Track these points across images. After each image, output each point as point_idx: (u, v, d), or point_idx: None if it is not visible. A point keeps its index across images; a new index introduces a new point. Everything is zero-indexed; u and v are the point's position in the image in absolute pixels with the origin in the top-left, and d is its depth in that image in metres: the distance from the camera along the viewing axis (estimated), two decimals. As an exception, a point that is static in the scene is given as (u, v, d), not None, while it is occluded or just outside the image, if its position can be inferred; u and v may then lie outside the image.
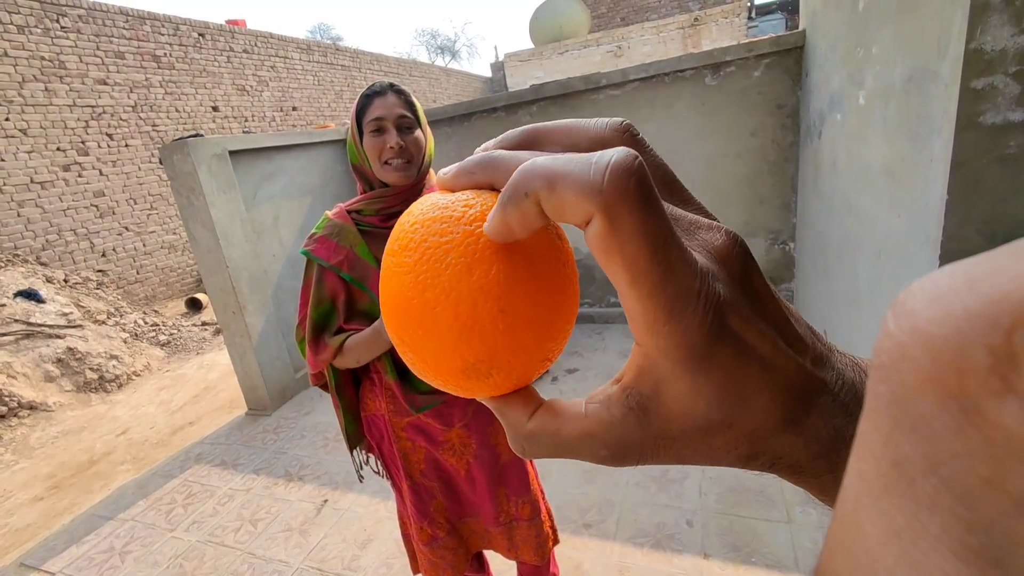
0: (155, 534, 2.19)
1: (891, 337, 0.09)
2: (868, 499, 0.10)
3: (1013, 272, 0.08)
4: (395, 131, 1.04)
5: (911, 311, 0.09)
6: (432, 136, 1.14)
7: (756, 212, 3.13)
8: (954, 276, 0.09)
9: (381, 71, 11.26)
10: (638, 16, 13.05)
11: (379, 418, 1.21)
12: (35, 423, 3.44)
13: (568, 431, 0.19)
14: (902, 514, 0.09)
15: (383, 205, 1.09)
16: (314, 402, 3.21)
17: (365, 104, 1.05)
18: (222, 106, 7.44)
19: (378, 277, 1.06)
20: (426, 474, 1.22)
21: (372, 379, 1.19)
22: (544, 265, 0.19)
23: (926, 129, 1.30)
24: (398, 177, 1.06)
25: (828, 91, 2.24)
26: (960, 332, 0.08)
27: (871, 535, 0.10)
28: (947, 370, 0.08)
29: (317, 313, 1.10)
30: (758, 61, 2.87)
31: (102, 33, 5.94)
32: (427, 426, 1.18)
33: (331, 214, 1.13)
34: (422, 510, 1.22)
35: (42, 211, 5.30)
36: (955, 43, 1.13)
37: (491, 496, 1.24)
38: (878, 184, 1.66)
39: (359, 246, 1.09)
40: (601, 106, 3.25)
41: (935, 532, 0.08)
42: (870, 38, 1.68)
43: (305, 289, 1.13)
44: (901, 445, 0.09)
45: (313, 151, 3.57)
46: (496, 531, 1.27)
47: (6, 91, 5.08)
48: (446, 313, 0.18)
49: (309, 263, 1.11)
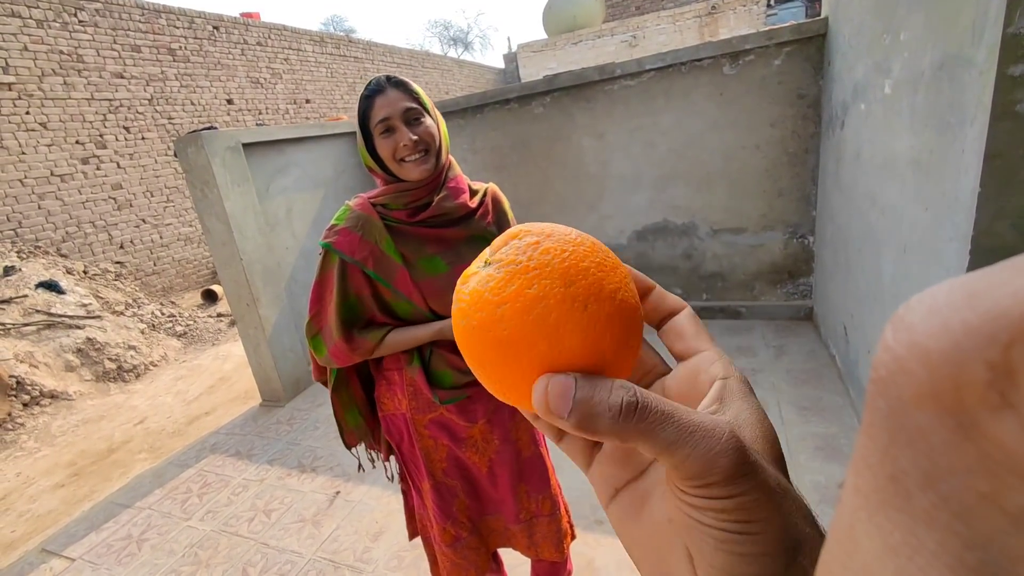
0: (171, 523, 2.22)
1: (889, 351, 0.09)
2: (865, 514, 0.10)
3: (1012, 287, 0.08)
4: (404, 126, 1.00)
5: (910, 325, 0.09)
6: (443, 118, 1.10)
7: (775, 205, 3.06)
8: (953, 291, 0.09)
9: (394, 63, 11.23)
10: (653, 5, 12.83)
11: (399, 417, 1.19)
12: (56, 411, 3.52)
13: (685, 413, 0.19)
14: (899, 529, 0.09)
15: (410, 199, 1.05)
16: (327, 394, 3.21)
17: (367, 106, 1.02)
18: (236, 99, 7.48)
19: (404, 276, 1.05)
20: (448, 473, 1.20)
21: (389, 377, 1.16)
22: (593, 321, 0.20)
23: (958, 119, 1.24)
24: (419, 172, 1.02)
25: (852, 80, 2.17)
26: (958, 347, 0.08)
27: (867, 550, 0.10)
28: (945, 385, 0.08)
29: (344, 309, 1.06)
30: (778, 49, 2.79)
31: (119, 27, 6.00)
32: (450, 423, 1.17)
33: (353, 204, 1.07)
34: (445, 510, 1.20)
35: (62, 203, 5.39)
36: (992, 28, 1.08)
37: (513, 493, 1.23)
38: (904, 176, 1.60)
39: (385, 242, 1.04)
40: (616, 97, 3.19)
41: (932, 548, 0.08)
42: (898, 24, 1.61)
43: (319, 283, 1.08)
44: (898, 459, 0.09)
45: (326, 143, 3.57)
46: (516, 528, 1.26)
47: (26, 85, 5.16)
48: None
49: (328, 256, 1.06)
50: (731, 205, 3.16)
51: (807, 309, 3.14)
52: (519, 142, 3.52)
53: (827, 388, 2.41)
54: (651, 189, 3.32)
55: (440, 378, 1.12)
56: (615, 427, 0.18)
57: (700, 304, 3.40)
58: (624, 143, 3.29)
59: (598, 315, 0.20)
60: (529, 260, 0.21)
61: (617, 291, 0.21)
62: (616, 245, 3.53)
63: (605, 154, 3.36)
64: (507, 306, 0.20)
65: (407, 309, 1.08)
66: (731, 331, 3.17)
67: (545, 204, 3.56)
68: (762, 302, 3.27)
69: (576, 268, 0.20)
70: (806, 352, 2.78)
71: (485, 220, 1.12)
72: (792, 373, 2.60)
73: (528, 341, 0.20)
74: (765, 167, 3.01)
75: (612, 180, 3.40)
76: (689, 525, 0.18)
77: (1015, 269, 0.08)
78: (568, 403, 0.19)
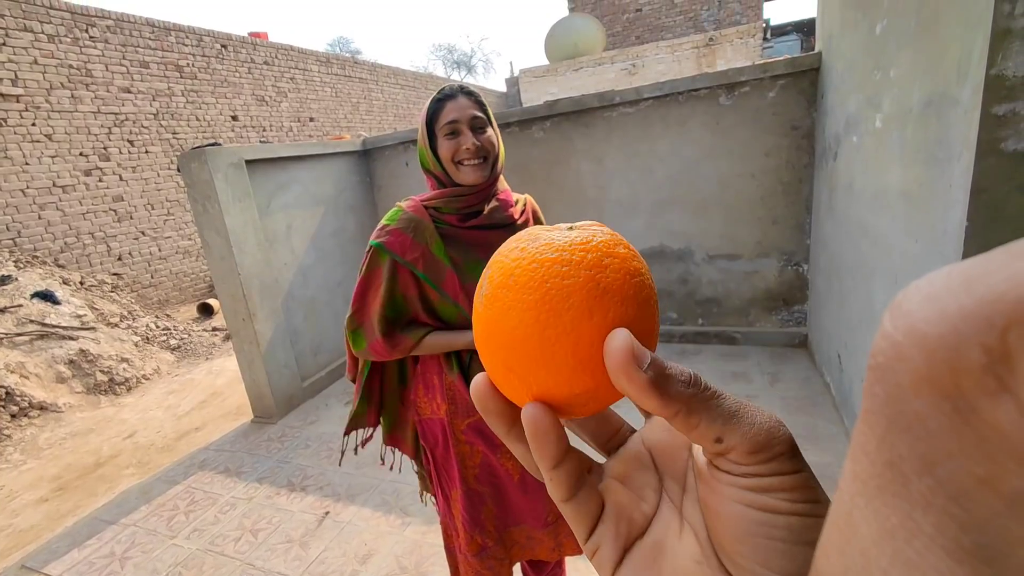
0: (156, 540, 2.18)
1: (887, 337, 0.09)
2: (863, 499, 0.10)
3: (1008, 272, 0.08)
4: (470, 132, 1.05)
5: (907, 312, 0.09)
6: (500, 134, 1.16)
7: (769, 232, 3.10)
8: (950, 276, 0.09)
9: (398, 84, 11.43)
10: (653, 35, 13.16)
11: (436, 422, 1.21)
12: (44, 423, 3.47)
13: None
14: (896, 514, 0.09)
15: (462, 204, 1.09)
16: (319, 412, 3.20)
17: (437, 108, 1.06)
18: (241, 116, 7.58)
19: (452, 278, 1.09)
20: (480, 479, 1.22)
21: (428, 381, 1.19)
22: (648, 309, 0.22)
23: (945, 154, 1.28)
24: (475, 176, 1.07)
25: (844, 113, 2.23)
26: (955, 331, 0.08)
27: (865, 535, 0.10)
28: (942, 369, 0.08)
29: (390, 307, 1.10)
30: (773, 82, 2.87)
31: (128, 43, 6.11)
32: (487, 428, 1.18)
33: (406, 206, 1.11)
34: (474, 517, 1.21)
35: (62, 214, 5.40)
36: (976, 69, 1.12)
37: (543, 495, 1.23)
38: (895, 208, 1.63)
39: (436, 244, 1.08)
40: (614, 123, 3.26)
41: (929, 532, 0.08)
42: (888, 61, 1.67)
43: (366, 280, 1.11)
44: (896, 445, 0.09)
45: (328, 162, 3.62)
46: (542, 534, 1.26)
47: (34, 97, 5.22)
48: (565, 350, 0.20)
49: (376, 254, 1.08)
50: (726, 232, 3.20)
51: (802, 336, 3.15)
52: (519, 165, 3.57)
53: (822, 416, 2.41)
54: (648, 214, 3.36)
55: None
56: (685, 392, 0.18)
57: (696, 329, 3.42)
58: (622, 168, 3.34)
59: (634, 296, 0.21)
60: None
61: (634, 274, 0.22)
62: (613, 268, 3.55)
63: (603, 179, 3.41)
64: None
65: (452, 312, 1.12)
66: (726, 357, 3.18)
67: (543, 226, 3.60)
68: (757, 328, 3.28)
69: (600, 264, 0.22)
70: (800, 379, 2.78)
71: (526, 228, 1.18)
72: (787, 401, 2.60)
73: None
74: (760, 195, 3.06)
75: (610, 204, 3.44)
76: (754, 523, 0.17)
77: (1011, 254, 0.08)
78: (646, 356, 0.18)
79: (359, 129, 9.97)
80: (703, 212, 3.22)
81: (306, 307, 3.42)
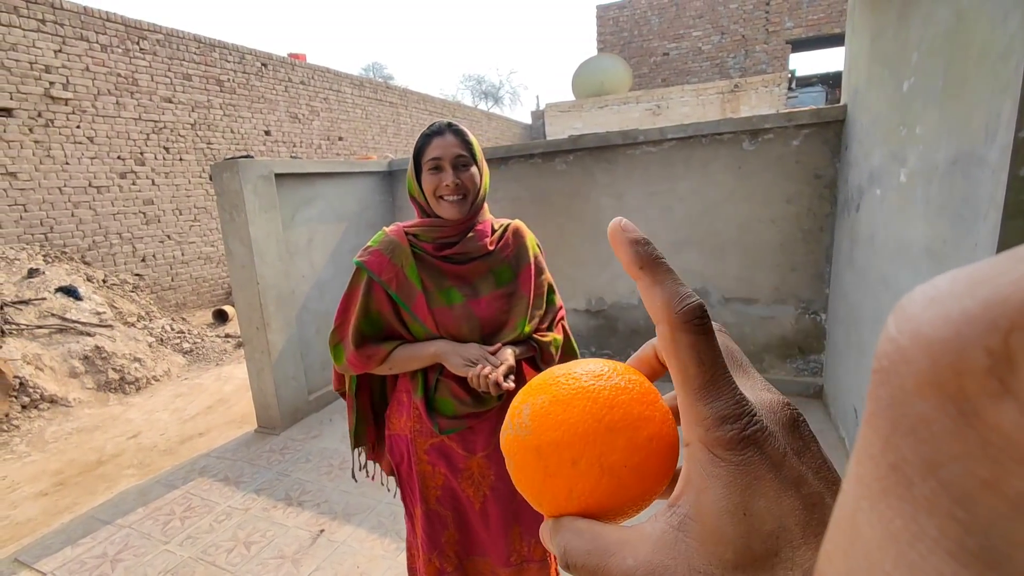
0: (149, 544, 2.16)
1: (892, 341, 0.09)
2: (866, 502, 0.10)
3: (1012, 276, 0.08)
4: (451, 169, 1.09)
5: (912, 315, 0.09)
6: (488, 170, 1.20)
7: (788, 279, 3.08)
8: (955, 280, 0.09)
9: (426, 111, 11.74)
10: (679, 79, 13.41)
11: (402, 438, 1.22)
12: (53, 417, 3.50)
13: (607, 532, 0.20)
14: (900, 517, 0.09)
15: (439, 235, 1.14)
16: (323, 426, 3.19)
17: (424, 143, 1.11)
18: (274, 131, 7.84)
19: (422, 301, 1.13)
20: (441, 501, 1.21)
21: (399, 398, 1.22)
22: (671, 453, 0.23)
23: (971, 213, 1.27)
24: (452, 212, 1.11)
25: (868, 166, 2.23)
26: (959, 334, 0.08)
27: (869, 538, 0.10)
28: (946, 372, 0.08)
29: (366, 322, 1.14)
30: (797, 131, 2.89)
31: (175, 56, 6.40)
32: (450, 451, 1.19)
33: (389, 230, 1.17)
34: (434, 539, 1.20)
35: (94, 213, 5.58)
36: (1004, 131, 1.12)
37: (505, 534, 1.21)
38: (918, 263, 1.62)
39: (409, 267, 1.13)
40: (637, 161, 3.30)
41: (933, 534, 0.08)
42: (914, 118, 1.68)
43: (347, 296, 1.16)
44: (900, 448, 0.09)
45: (353, 180, 3.70)
46: (505, 572, 1.23)
47: (81, 101, 5.47)
48: (588, 484, 0.22)
49: (358, 272, 1.15)
50: (743, 275, 3.18)
51: (817, 387, 3.08)
52: (539, 196, 3.62)
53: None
54: (665, 253, 3.31)
55: (443, 406, 1.16)
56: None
57: (707, 371, 3.36)
58: (642, 206, 3.36)
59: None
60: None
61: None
62: (627, 305, 3.54)
63: (622, 215, 3.37)
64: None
65: (421, 332, 1.16)
66: (738, 402, 3.11)
67: (560, 258, 3.62)
68: (771, 376, 3.22)
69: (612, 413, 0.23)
70: (815, 432, 2.71)
71: (504, 254, 1.21)
72: (799, 452, 2.52)
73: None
74: (780, 241, 3.05)
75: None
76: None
77: (1016, 258, 0.08)
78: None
79: (386, 150, 10.22)
80: (721, 254, 3.22)
81: (319, 320, 3.45)
